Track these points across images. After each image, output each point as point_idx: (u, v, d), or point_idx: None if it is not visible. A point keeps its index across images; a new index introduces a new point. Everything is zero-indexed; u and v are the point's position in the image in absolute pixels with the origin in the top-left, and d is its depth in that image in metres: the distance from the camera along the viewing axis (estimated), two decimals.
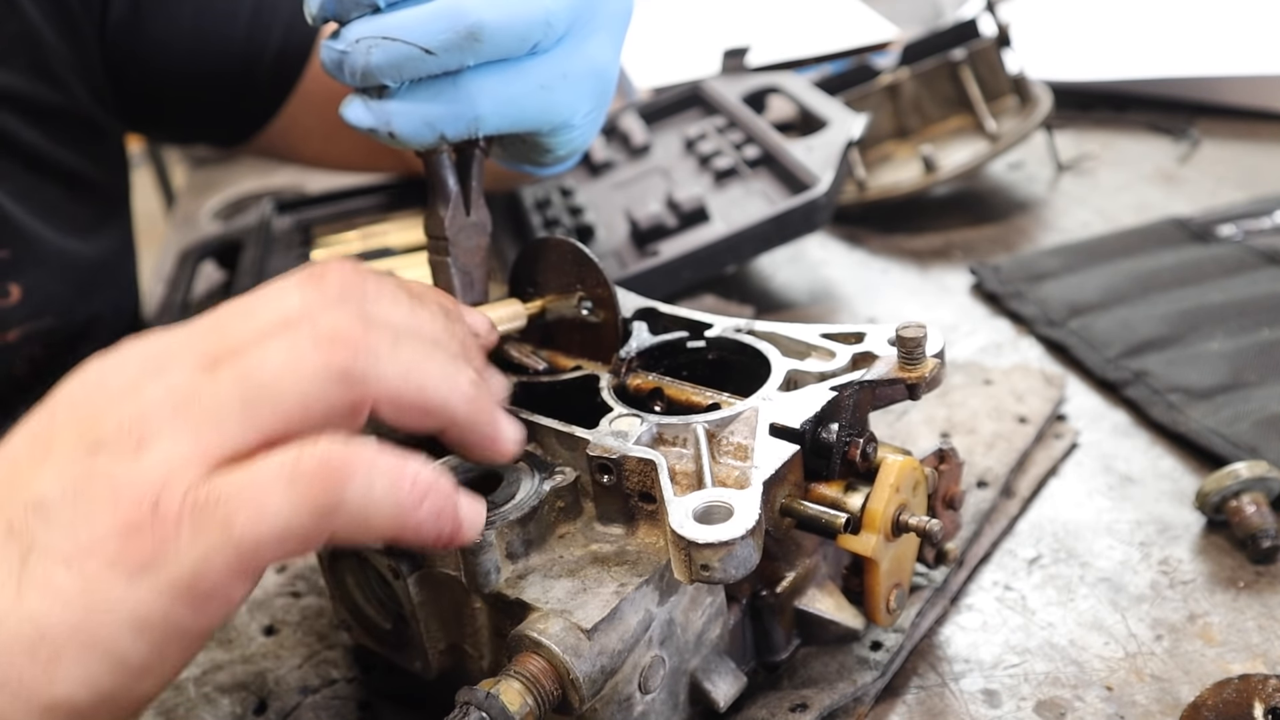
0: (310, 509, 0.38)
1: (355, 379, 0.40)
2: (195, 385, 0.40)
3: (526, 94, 0.54)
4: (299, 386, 0.40)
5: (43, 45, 0.80)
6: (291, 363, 0.40)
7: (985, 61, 1.04)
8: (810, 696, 0.51)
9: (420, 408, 0.42)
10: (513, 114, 0.54)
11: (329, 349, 0.40)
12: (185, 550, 0.38)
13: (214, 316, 0.44)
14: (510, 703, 0.41)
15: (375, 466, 0.39)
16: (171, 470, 0.38)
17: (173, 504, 0.38)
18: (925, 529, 0.48)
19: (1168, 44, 1.20)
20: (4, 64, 0.78)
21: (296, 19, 0.90)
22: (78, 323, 0.84)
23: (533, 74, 0.54)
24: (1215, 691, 0.49)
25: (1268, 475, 0.59)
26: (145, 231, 1.53)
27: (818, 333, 0.55)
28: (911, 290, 0.91)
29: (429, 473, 0.41)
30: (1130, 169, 1.07)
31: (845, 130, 0.90)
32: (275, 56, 0.90)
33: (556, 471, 0.49)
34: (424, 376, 0.42)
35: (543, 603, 0.44)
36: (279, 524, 0.38)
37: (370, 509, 0.39)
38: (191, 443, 0.39)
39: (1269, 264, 0.83)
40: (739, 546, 0.41)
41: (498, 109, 0.53)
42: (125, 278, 0.93)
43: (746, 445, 0.47)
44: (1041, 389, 0.72)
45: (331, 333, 0.41)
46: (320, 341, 0.40)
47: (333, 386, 0.40)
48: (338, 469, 0.38)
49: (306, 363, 0.40)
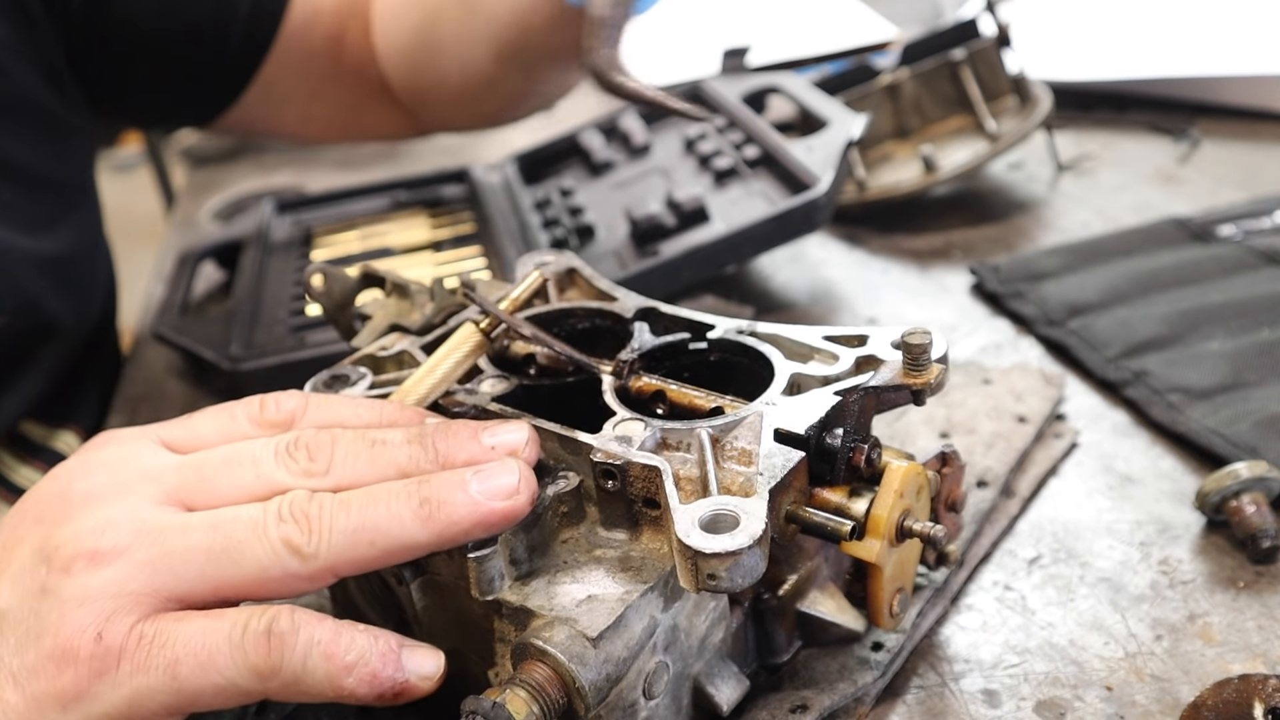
0: (251, 671, 0.41)
1: (309, 555, 0.43)
2: (162, 524, 0.43)
3: None
4: (260, 558, 0.43)
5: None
6: (257, 533, 0.43)
7: (985, 61, 1.04)
8: (811, 698, 0.51)
9: (378, 559, 0.44)
10: None
11: (291, 526, 0.43)
12: (123, 684, 0.40)
13: (194, 460, 0.47)
14: (516, 711, 0.41)
15: (313, 639, 0.42)
16: (120, 601, 0.41)
17: (116, 636, 0.40)
18: (929, 535, 0.48)
19: (1168, 44, 1.20)
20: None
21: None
22: (34, 324, 0.81)
23: None
24: (1215, 691, 0.50)
25: (1268, 475, 0.59)
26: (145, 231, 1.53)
27: (820, 335, 0.55)
28: (911, 290, 0.92)
29: (363, 641, 0.43)
30: (1130, 169, 1.07)
31: (845, 130, 0.90)
32: (248, 15, 0.88)
33: (559, 476, 0.49)
34: (375, 532, 0.44)
35: (547, 610, 0.44)
36: (221, 680, 0.41)
37: (305, 677, 0.42)
38: (147, 579, 0.42)
39: (1269, 264, 0.83)
40: (746, 556, 0.41)
41: None
42: (89, 279, 0.90)
43: (751, 450, 0.47)
44: (1041, 389, 0.72)
45: (294, 511, 0.44)
46: (284, 517, 0.43)
47: (291, 560, 0.43)
48: (279, 639, 0.41)
49: (270, 535, 0.43)
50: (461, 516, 0.44)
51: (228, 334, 0.87)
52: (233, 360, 0.83)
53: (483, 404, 0.53)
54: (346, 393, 0.55)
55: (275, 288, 0.95)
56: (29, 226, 0.81)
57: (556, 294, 0.64)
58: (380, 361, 0.59)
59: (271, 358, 0.83)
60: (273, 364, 0.82)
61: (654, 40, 1.39)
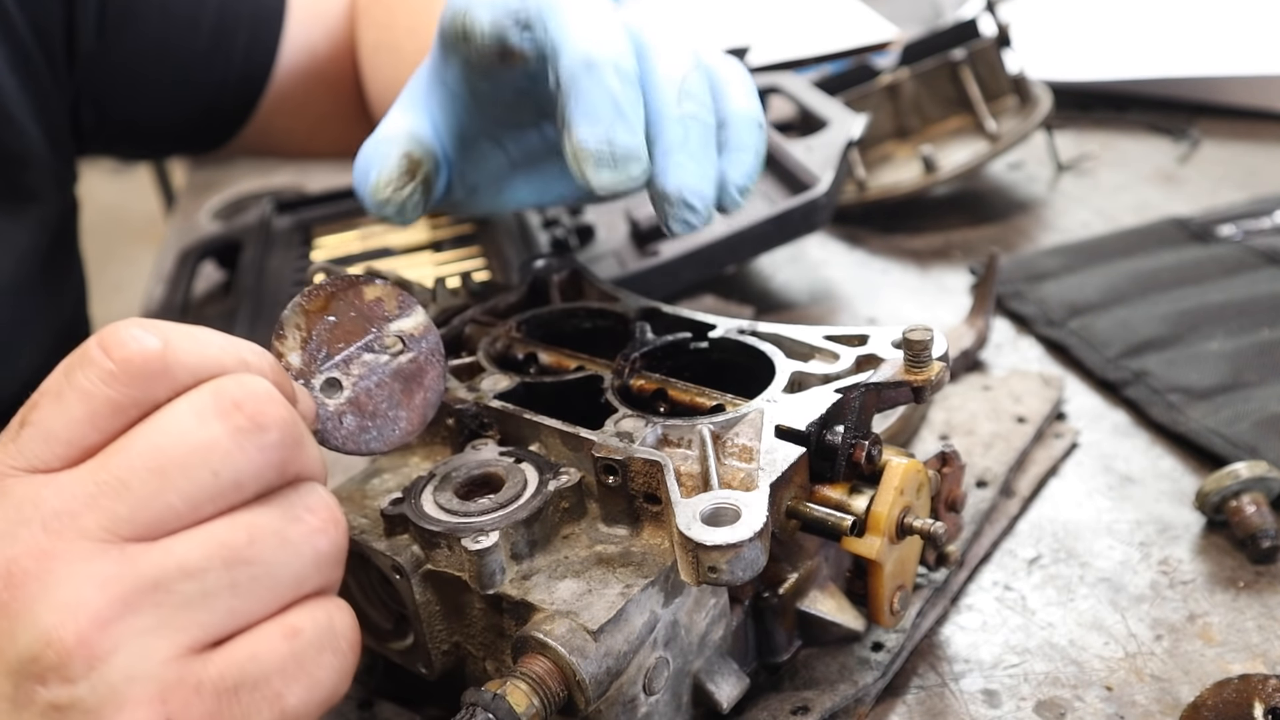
0: (349, 670, 0.38)
1: (340, 546, 0.39)
2: (149, 576, 0.35)
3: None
4: (296, 569, 0.37)
5: (2, 90, 0.75)
6: (285, 546, 0.37)
7: (985, 61, 1.04)
8: (811, 698, 0.51)
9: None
10: None
11: (319, 528, 0.38)
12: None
13: (107, 481, 0.36)
14: (516, 704, 0.41)
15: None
16: (157, 674, 0.34)
17: (191, 707, 0.34)
18: (929, 531, 0.48)
19: (1168, 44, 1.20)
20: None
21: (259, 21, 0.89)
22: (13, 387, 0.75)
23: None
24: (1215, 691, 0.50)
25: (1268, 475, 0.59)
26: (145, 231, 1.53)
27: (821, 334, 0.55)
28: (911, 290, 0.92)
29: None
30: (1130, 169, 1.07)
31: (845, 130, 0.90)
32: (241, 61, 0.89)
33: (561, 472, 0.49)
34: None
35: (548, 604, 0.44)
36: (329, 690, 0.37)
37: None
38: (170, 639, 0.35)
39: (1269, 264, 0.83)
40: (746, 549, 0.41)
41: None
42: (65, 344, 0.87)
43: (752, 447, 0.47)
44: (1039, 389, 0.72)
45: (313, 506, 0.39)
46: (301, 515, 0.38)
47: (328, 558, 0.38)
48: (348, 635, 0.38)
49: (296, 541, 0.38)
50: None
51: (229, 333, 0.87)
52: None
53: (484, 401, 0.53)
54: None
55: (275, 287, 0.95)
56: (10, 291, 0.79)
57: (559, 296, 0.64)
58: None
59: None
60: None
61: None
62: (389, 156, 0.56)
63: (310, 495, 0.39)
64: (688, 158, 0.50)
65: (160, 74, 0.87)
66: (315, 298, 0.44)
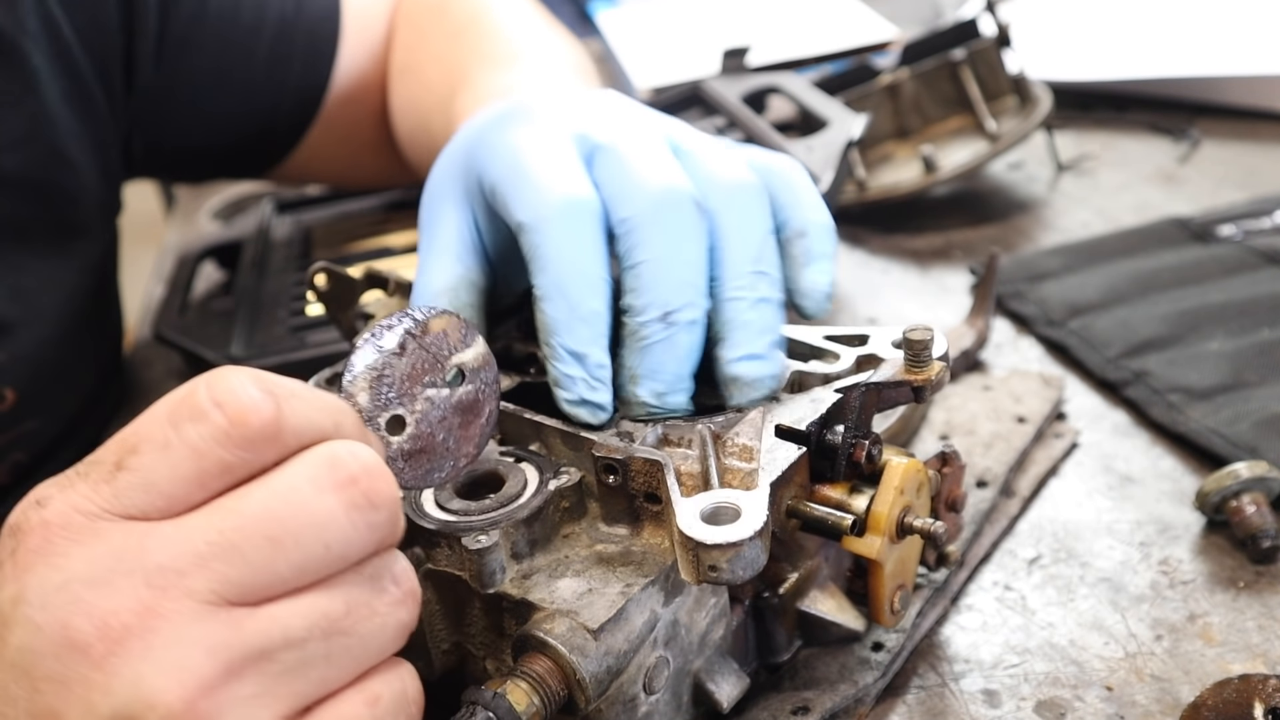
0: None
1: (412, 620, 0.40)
2: (253, 646, 0.35)
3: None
4: (384, 639, 0.39)
5: (59, 128, 0.75)
6: (374, 616, 0.38)
7: (985, 61, 1.04)
8: (812, 699, 0.51)
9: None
10: None
11: (406, 605, 0.40)
12: None
13: (220, 543, 0.35)
14: (517, 703, 0.41)
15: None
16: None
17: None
18: (930, 531, 0.48)
19: (1168, 44, 1.20)
20: (20, 149, 0.72)
21: (313, 50, 0.88)
22: (59, 424, 0.79)
23: None
24: (1215, 691, 0.50)
25: (1268, 475, 0.59)
26: (145, 231, 1.53)
27: (821, 334, 0.55)
28: (912, 290, 0.92)
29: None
30: (1130, 169, 1.07)
31: (845, 130, 0.90)
32: (295, 89, 0.88)
33: (561, 471, 0.49)
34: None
35: (548, 603, 0.44)
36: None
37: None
38: (269, 706, 0.35)
39: (1269, 264, 0.84)
40: (747, 547, 0.41)
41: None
42: (108, 377, 0.89)
43: (752, 447, 0.47)
44: (1039, 389, 0.72)
45: (400, 580, 0.40)
46: (400, 599, 0.39)
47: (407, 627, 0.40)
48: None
49: (384, 614, 0.39)
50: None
51: (228, 334, 0.87)
52: (233, 361, 0.83)
53: None
54: None
55: (275, 288, 0.95)
56: (68, 329, 0.79)
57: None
58: None
59: (272, 358, 0.83)
60: (273, 364, 0.82)
61: (654, 40, 1.39)
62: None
63: (395, 565, 0.39)
64: (755, 340, 0.50)
65: (215, 102, 0.87)
66: (386, 334, 0.43)
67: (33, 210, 0.75)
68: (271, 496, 0.35)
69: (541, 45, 0.82)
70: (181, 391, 0.36)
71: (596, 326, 0.49)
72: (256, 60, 0.86)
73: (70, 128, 0.76)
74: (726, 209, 0.51)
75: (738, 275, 0.50)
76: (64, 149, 0.76)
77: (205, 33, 0.84)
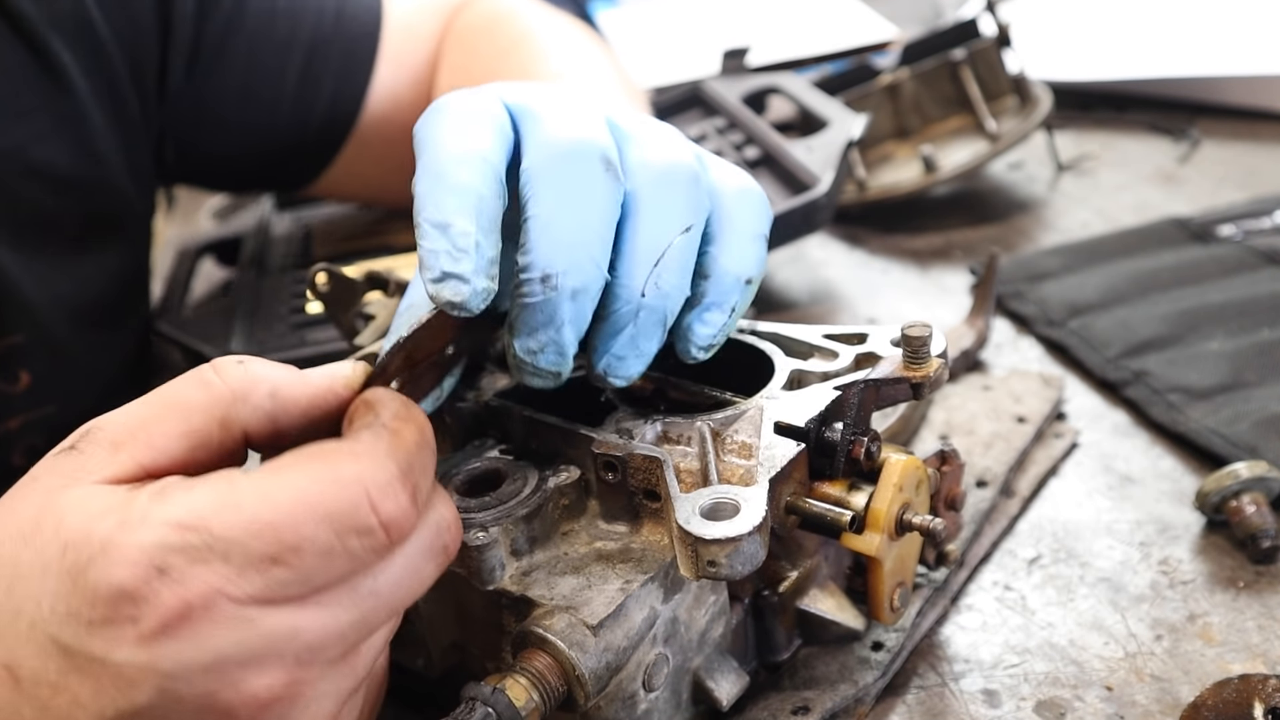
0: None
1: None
2: (357, 670, 0.40)
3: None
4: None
5: (90, 124, 0.77)
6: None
7: (985, 61, 1.04)
8: (812, 699, 0.51)
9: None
10: None
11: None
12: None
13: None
14: (516, 698, 0.41)
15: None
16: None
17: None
18: (929, 528, 0.48)
19: (1168, 44, 1.20)
20: (50, 141, 0.75)
21: (347, 70, 0.88)
22: (77, 413, 0.80)
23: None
24: (1215, 691, 0.50)
25: (1268, 475, 0.59)
26: None
27: (820, 333, 0.55)
28: (911, 290, 0.92)
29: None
30: (1130, 169, 1.07)
31: (845, 130, 0.90)
32: (325, 109, 0.88)
33: (560, 468, 0.49)
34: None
35: (548, 599, 0.44)
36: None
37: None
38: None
39: (1269, 264, 0.83)
40: (746, 543, 0.41)
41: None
42: (129, 371, 0.90)
43: (751, 444, 0.47)
44: (1039, 389, 0.72)
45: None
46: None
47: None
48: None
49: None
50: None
51: (229, 330, 0.87)
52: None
53: (485, 399, 0.53)
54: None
55: (275, 285, 0.95)
56: (94, 321, 0.81)
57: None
58: None
59: (272, 355, 0.83)
60: (273, 361, 0.82)
61: (655, 40, 1.39)
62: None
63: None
64: (627, 348, 0.47)
65: (242, 117, 0.87)
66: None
67: (62, 202, 0.77)
68: (402, 575, 0.39)
69: (586, 67, 0.82)
70: (343, 498, 0.37)
71: (465, 197, 0.44)
72: (287, 78, 0.87)
73: (101, 126, 0.78)
74: (646, 190, 0.47)
75: (631, 267, 0.46)
76: (95, 146, 0.77)
77: (237, 46, 0.84)
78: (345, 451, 0.38)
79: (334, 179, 0.93)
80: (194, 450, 0.40)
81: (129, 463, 0.39)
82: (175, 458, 0.40)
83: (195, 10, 0.82)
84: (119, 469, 0.39)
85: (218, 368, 0.41)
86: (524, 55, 0.83)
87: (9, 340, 0.74)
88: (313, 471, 0.37)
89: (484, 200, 0.44)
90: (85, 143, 0.77)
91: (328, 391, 0.42)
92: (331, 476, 0.37)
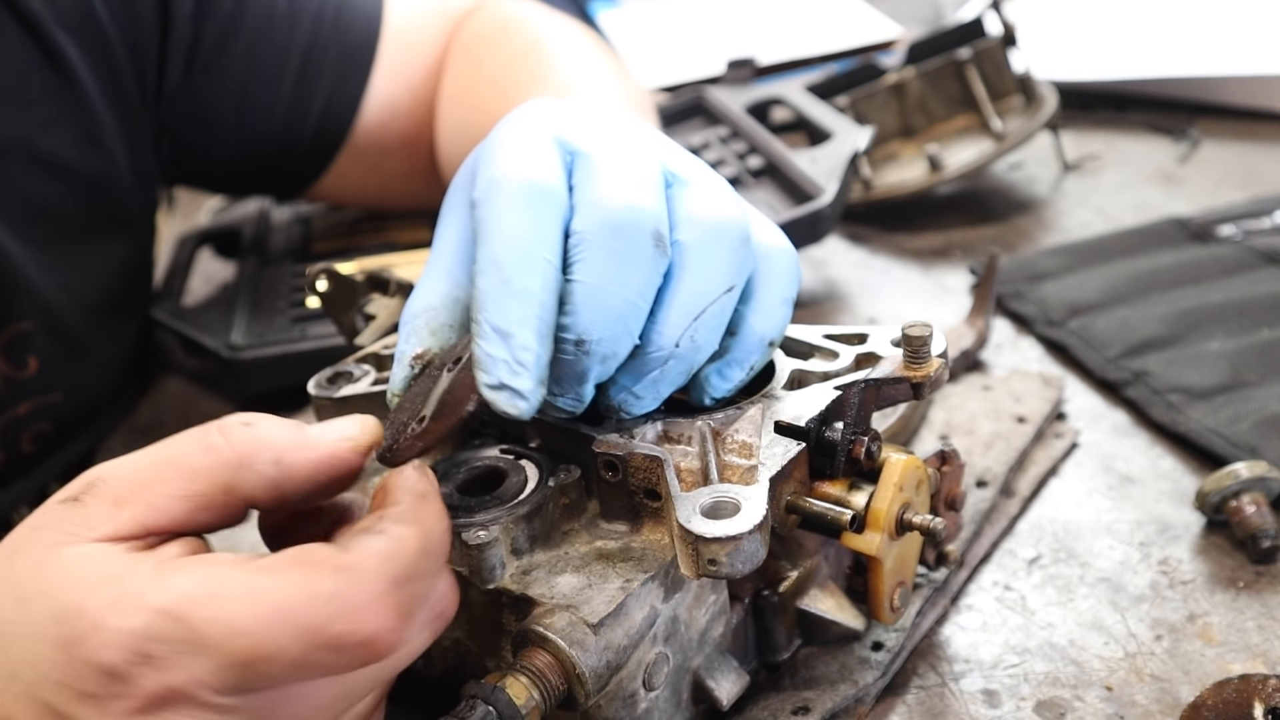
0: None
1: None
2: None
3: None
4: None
5: (93, 114, 0.78)
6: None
7: (991, 61, 1.04)
8: (812, 699, 0.51)
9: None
10: None
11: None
12: None
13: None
14: (516, 696, 0.41)
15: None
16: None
17: None
18: (929, 528, 0.48)
19: (1168, 44, 1.20)
20: (56, 131, 0.76)
21: (343, 78, 0.88)
22: (84, 401, 0.82)
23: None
24: (1215, 691, 0.50)
25: (1268, 475, 0.59)
26: None
27: (820, 333, 0.55)
28: (912, 290, 0.92)
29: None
30: (1130, 169, 1.07)
31: (851, 142, 0.90)
32: (319, 115, 0.88)
33: (561, 468, 0.49)
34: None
35: (548, 598, 0.44)
36: None
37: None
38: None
39: (1269, 264, 0.83)
40: (746, 541, 0.41)
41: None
42: (131, 359, 0.91)
43: (751, 443, 0.47)
44: (1039, 389, 0.72)
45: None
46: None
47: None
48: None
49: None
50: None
51: (228, 322, 0.87)
52: (233, 349, 0.83)
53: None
54: (349, 389, 0.56)
55: (275, 277, 0.95)
56: (100, 307, 0.83)
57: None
58: (383, 360, 0.59)
59: (272, 348, 0.83)
60: (273, 354, 0.83)
61: (656, 40, 1.39)
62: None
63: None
64: (648, 390, 0.48)
65: (237, 119, 0.87)
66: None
67: (68, 192, 0.78)
68: (399, 662, 0.42)
69: (597, 76, 0.82)
70: (321, 614, 0.37)
71: (529, 306, 0.43)
72: (282, 83, 0.87)
73: (106, 119, 0.79)
74: (694, 247, 0.47)
75: (669, 317, 0.47)
76: (100, 138, 0.78)
77: (235, 48, 0.85)
78: (333, 565, 0.38)
79: (330, 185, 0.94)
80: (195, 512, 0.41)
81: (130, 521, 0.39)
82: (176, 518, 0.40)
83: (194, 10, 0.82)
84: (120, 526, 0.39)
85: (224, 429, 0.41)
86: (533, 64, 0.83)
87: (18, 327, 0.76)
88: (297, 581, 0.37)
89: (545, 308, 0.44)
90: (91, 134, 0.78)
91: (332, 457, 0.42)
92: (313, 591, 0.37)
